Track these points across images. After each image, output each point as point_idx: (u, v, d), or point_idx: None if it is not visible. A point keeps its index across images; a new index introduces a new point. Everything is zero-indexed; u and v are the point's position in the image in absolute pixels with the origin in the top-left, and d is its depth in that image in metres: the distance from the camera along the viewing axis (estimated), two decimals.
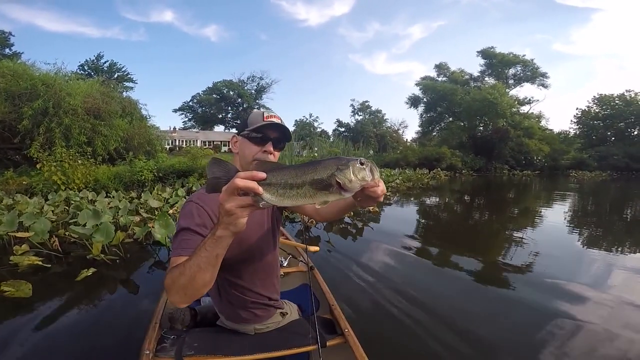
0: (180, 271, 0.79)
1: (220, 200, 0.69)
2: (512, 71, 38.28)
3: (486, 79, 39.24)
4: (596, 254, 4.73)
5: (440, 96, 37.03)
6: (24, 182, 9.20)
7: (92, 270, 3.10)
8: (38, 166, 8.97)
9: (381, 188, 0.77)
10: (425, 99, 39.75)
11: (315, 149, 20.33)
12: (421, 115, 41.50)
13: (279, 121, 1.18)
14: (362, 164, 0.70)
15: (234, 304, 1.29)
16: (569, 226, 7.02)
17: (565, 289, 3.28)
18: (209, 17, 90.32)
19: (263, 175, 0.66)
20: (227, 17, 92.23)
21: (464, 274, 3.74)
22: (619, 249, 5.05)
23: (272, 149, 1.17)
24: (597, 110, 42.53)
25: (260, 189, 0.65)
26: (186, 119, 49.81)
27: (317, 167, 0.68)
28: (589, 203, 12.07)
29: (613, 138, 41.09)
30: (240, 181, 0.64)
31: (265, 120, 1.15)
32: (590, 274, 3.82)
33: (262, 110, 1.20)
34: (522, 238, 5.56)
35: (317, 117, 54.71)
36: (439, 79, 40.16)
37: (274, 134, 1.17)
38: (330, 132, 53.77)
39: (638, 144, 38.58)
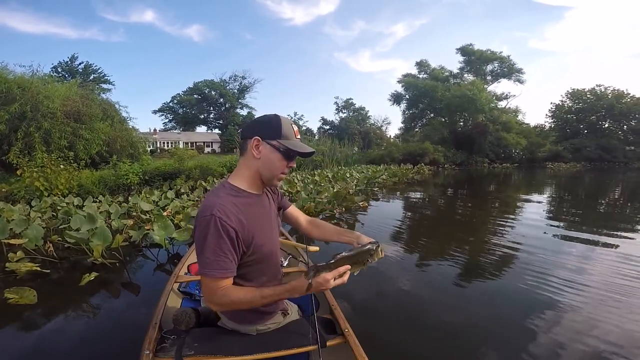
0: (243, 301, 1.11)
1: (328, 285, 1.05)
2: (489, 67, 39.38)
3: (465, 75, 40.22)
4: (577, 237, 5.03)
5: (422, 93, 37.70)
6: (3, 190, 8.88)
7: (94, 274, 3.10)
8: (18, 172, 8.67)
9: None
10: (407, 96, 40.38)
11: None
12: (404, 111, 42.18)
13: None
14: (374, 249, 1.15)
15: None
16: (548, 213, 7.39)
17: (550, 274, 3.50)
18: (191, 17, 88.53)
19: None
20: (210, 17, 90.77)
21: (456, 266, 3.86)
22: (597, 232, 5.38)
23: (294, 164, 1.23)
24: (570, 105, 44.15)
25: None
26: (166, 120, 48.81)
27: (361, 252, 1.14)
28: (567, 191, 12.65)
29: (586, 131, 42.78)
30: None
31: (296, 136, 1.19)
32: (572, 258, 4.07)
33: (289, 121, 1.20)
34: (506, 227, 5.83)
35: (302, 115, 54.53)
36: (420, 76, 40.88)
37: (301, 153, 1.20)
38: (315, 130, 53.89)
39: (609, 136, 40.41)
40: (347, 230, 1.45)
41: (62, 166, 9.22)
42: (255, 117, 1.36)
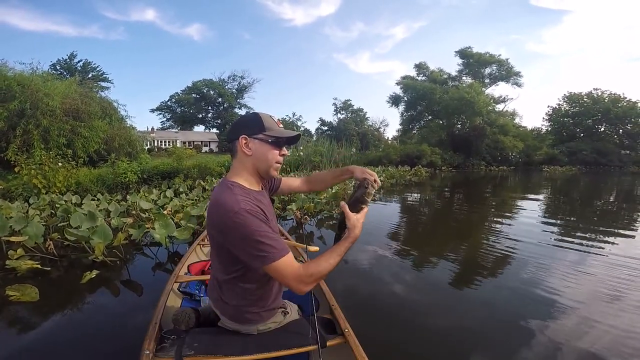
0: (328, 268, 1.14)
1: (361, 222, 1.24)
2: (488, 70, 39.53)
3: (463, 78, 40.33)
4: (572, 239, 5.08)
5: (420, 95, 37.79)
6: (0, 186, 8.87)
7: (95, 272, 3.12)
8: (16, 169, 8.65)
9: (377, 181, 1.34)
10: (405, 98, 40.44)
11: (301, 147, 20.26)
12: (402, 113, 42.18)
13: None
14: (366, 187, 1.28)
15: (240, 305, 1.30)
16: (544, 216, 7.45)
17: (546, 276, 3.54)
18: (192, 16, 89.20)
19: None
20: (211, 16, 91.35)
21: (455, 267, 3.87)
22: (592, 235, 5.44)
23: (286, 151, 1.32)
24: (566, 108, 44.38)
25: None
26: (164, 119, 48.68)
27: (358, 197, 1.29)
28: (562, 194, 12.74)
29: (582, 134, 42.97)
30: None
31: (279, 125, 1.27)
32: (568, 259, 4.10)
33: (268, 115, 1.28)
34: (502, 229, 5.88)
35: (301, 116, 54.74)
36: (419, 78, 40.98)
37: (288, 138, 1.30)
38: (313, 131, 53.96)
39: (604, 139, 40.66)
40: (340, 169, 1.58)
41: (60, 164, 9.21)
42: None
